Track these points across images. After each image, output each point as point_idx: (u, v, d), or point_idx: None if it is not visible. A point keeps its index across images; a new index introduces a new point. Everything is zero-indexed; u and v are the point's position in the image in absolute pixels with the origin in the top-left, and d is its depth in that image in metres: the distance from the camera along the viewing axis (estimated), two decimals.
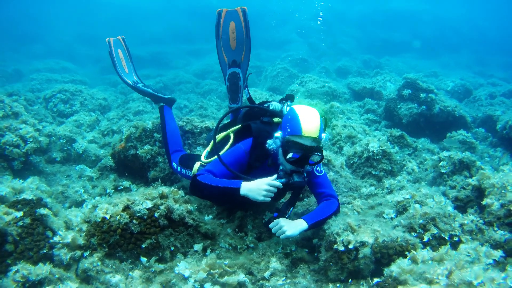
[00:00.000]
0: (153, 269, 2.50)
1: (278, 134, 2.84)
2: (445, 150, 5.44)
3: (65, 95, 8.48)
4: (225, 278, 2.32)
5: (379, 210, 3.52)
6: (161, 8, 35.36)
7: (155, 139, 4.82)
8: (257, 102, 3.68)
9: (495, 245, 2.81)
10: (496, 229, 2.98)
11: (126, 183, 4.73)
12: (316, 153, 2.71)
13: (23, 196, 2.87)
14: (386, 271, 2.21)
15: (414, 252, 2.33)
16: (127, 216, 2.57)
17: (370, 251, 2.44)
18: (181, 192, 3.03)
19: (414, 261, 2.28)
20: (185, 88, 13.92)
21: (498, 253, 2.41)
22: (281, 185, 2.69)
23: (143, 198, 2.74)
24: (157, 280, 2.35)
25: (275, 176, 2.75)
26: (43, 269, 2.21)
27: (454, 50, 25.59)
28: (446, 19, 34.08)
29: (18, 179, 3.39)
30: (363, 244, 2.48)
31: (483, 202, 3.30)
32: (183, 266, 2.36)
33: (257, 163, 2.97)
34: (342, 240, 2.54)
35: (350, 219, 2.74)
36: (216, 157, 2.99)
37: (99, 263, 2.43)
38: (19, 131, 4.61)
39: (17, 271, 2.19)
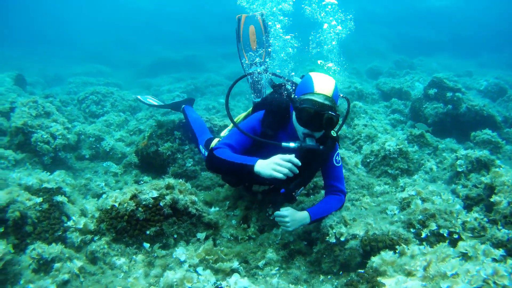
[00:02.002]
0: (156, 254, 2.68)
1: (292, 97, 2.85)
2: (463, 149, 5.30)
3: (97, 96, 8.98)
4: (219, 264, 2.46)
5: (384, 207, 3.53)
6: (194, 13, 36.26)
7: (175, 136, 5.08)
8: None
9: (497, 244, 2.73)
10: (500, 227, 2.91)
11: (147, 178, 5.00)
12: (329, 112, 2.61)
13: (45, 185, 3.15)
14: (369, 262, 2.25)
15: (404, 246, 2.32)
16: (134, 204, 2.77)
17: (359, 243, 2.48)
18: (188, 185, 3.20)
19: (402, 255, 2.27)
20: (216, 90, 14.22)
21: (498, 252, 2.33)
22: (295, 160, 2.50)
23: (150, 188, 2.92)
24: (157, 263, 2.53)
25: (293, 155, 2.58)
26: (55, 249, 2.44)
27: (494, 49, 24.35)
28: (484, 17, 32.51)
29: (45, 172, 3.71)
30: (354, 236, 2.53)
31: (491, 199, 3.23)
32: (180, 252, 2.52)
33: (269, 130, 2.96)
34: (335, 232, 2.60)
35: (346, 212, 2.78)
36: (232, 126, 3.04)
37: (105, 246, 2.64)
38: (49, 129, 5.00)
39: (33, 249, 2.44)
